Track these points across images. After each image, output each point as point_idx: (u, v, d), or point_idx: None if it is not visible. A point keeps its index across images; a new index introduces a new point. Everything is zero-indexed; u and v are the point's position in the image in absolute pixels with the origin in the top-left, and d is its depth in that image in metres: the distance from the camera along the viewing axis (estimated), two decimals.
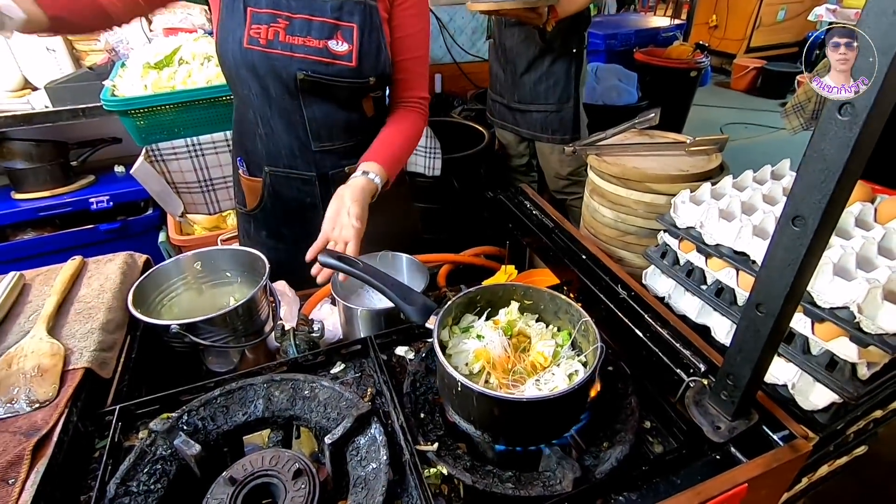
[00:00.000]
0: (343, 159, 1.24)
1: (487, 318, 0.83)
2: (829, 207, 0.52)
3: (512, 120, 2.20)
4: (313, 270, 0.99)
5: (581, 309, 0.79)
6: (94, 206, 2.21)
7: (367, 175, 1.07)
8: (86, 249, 2.26)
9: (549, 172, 2.25)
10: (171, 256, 1.34)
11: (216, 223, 2.24)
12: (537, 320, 0.86)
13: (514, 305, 0.84)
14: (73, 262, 1.03)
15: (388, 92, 1.27)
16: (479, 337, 0.79)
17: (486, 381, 0.75)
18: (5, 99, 2.09)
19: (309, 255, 0.99)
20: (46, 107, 2.01)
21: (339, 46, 1.07)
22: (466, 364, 0.77)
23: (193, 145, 1.81)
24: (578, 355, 0.78)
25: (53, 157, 2.19)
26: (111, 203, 2.23)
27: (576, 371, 0.74)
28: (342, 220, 1.01)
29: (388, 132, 1.20)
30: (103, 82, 1.80)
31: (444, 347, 0.78)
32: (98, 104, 1.95)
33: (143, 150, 1.76)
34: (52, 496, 0.65)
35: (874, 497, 1.75)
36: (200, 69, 1.79)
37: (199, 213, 1.97)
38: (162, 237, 2.28)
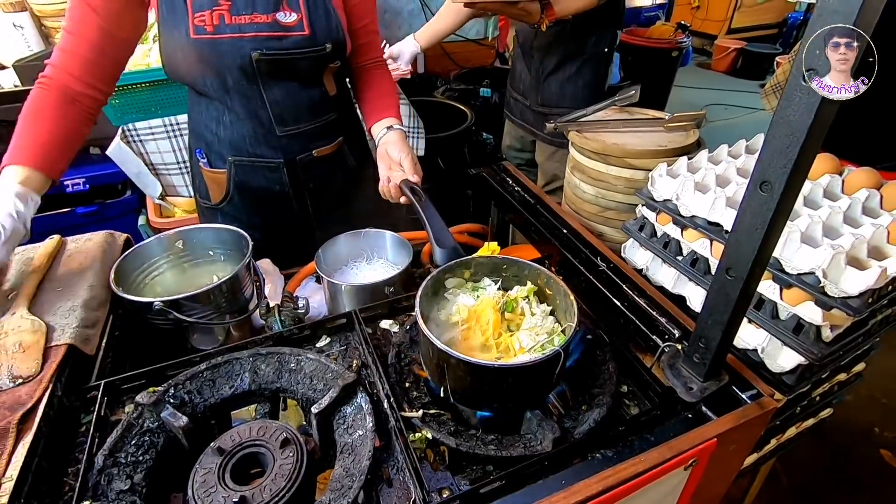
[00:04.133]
0: (310, 143, 1.22)
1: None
2: (794, 172, 0.54)
3: (533, 122, 2.01)
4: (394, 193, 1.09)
5: (567, 289, 0.79)
6: (70, 189, 2.16)
7: (393, 129, 1.17)
8: (63, 233, 2.21)
9: (544, 171, 2.11)
10: (145, 237, 1.32)
11: None
12: (551, 313, 0.84)
13: (529, 286, 0.85)
14: (51, 241, 1.01)
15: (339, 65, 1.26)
16: (474, 289, 0.84)
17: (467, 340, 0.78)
18: None
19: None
20: (16, 85, 1.95)
21: (287, 17, 1.03)
22: (451, 315, 0.81)
23: (171, 125, 1.78)
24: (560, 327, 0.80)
25: None
26: (87, 186, 2.18)
27: (550, 340, 0.77)
28: (395, 167, 1.11)
29: (376, 89, 1.24)
30: None
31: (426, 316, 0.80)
32: None
33: (120, 130, 1.72)
34: (39, 468, 0.65)
35: (840, 459, 1.85)
36: None
37: (179, 196, 1.94)
38: (142, 220, 2.24)
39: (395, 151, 1.13)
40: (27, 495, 0.61)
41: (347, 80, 1.31)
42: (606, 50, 1.82)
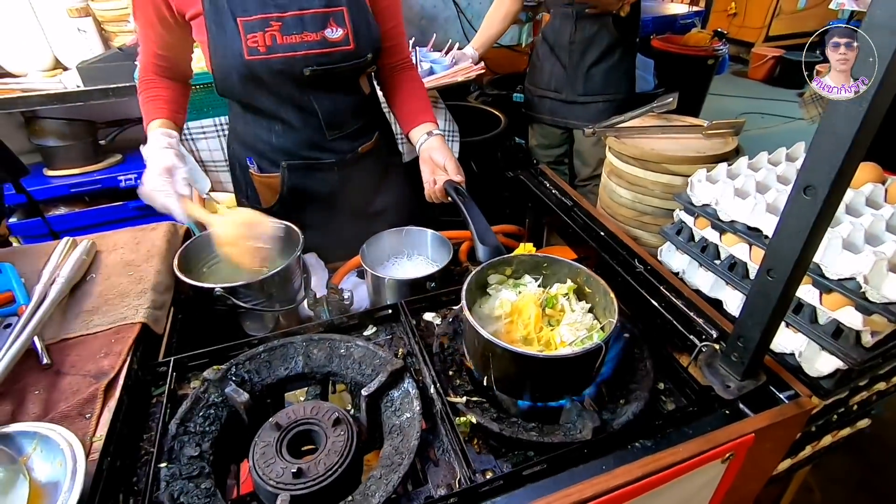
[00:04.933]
0: (355, 141, 1.29)
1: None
2: (838, 177, 0.56)
3: (567, 114, 2.18)
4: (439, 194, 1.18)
5: (607, 287, 0.83)
6: (123, 184, 2.29)
7: (433, 134, 1.22)
8: (116, 225, 2.34)
9: (587, 160, 2.27)
10: (196, 233, 1.39)
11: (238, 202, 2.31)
12: (590, 310, 0.87)
13: (569, 284, 0.88)
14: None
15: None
16: (515, 285, 0.88)
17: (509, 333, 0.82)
18: (39, 79, 2.16)
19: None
20: (78, 86, 2.07)
21: (334, 33, 1.09)
22: (494, 309, 0.85)
23: (221, 125, 1.87)
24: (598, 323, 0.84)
25: (83, 135, 2.27)
26: (139, 181, 2.30)
27: (590, 336, 0.80)
28: (439, 171, 1.19)
29: (411, 94, 1.29)
30: (135, 62, 1.86)
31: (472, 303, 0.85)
32: (127, 84, 2.03)
33: None
34: (121, 431, 0.72)
35: (875, 476, 1.81)
36: None
37: (225, 192, 2.03)
38: None
39: (438, 156, 1.19)
40: (113, 454, 0.68)
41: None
42: (638, 39, 2.10)
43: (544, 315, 0.84)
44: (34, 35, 2.16)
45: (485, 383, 0.79)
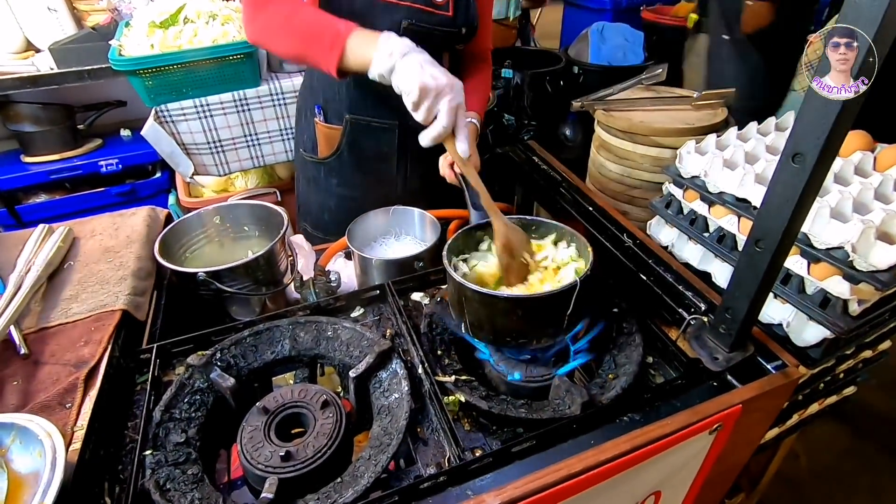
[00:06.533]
0: None
1: None
2: (827, 144, 0.55)
3: None
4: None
5: (586, 242, 0.83)
6: (104, 170, 2.24)
7: (471, 122, 1.19)
8: (98, 212, 2.30)
9: None
10: (178, 216, 1.35)
11: (224, 186, 2.26)
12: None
13: (549, 238, 0.89)
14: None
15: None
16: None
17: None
18: (9, 60, 2.08)
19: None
20: (52, 68, 2.00)
21: None
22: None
23: (202, 106, 1.82)
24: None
25: (61, 120, 2.20)
26: (120, 166, 2.26)
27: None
28: None
29: (474, 84, 1.27)
30: (109, 42, 1.80)
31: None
32: (103, 66, 1.96)
33: (153, 112, 1.77)
34: (103, 420, 0.71)
35: (862, 442, 1.85)
36: (206, 27, 1.77)
37: (209, 175, 1.99)
38: (171, 200, 2.31)
39: None
40: (95, 443, 0.67)
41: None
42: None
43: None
44: (2, 15, 2.08)
45: (462, 330, 0.80)
